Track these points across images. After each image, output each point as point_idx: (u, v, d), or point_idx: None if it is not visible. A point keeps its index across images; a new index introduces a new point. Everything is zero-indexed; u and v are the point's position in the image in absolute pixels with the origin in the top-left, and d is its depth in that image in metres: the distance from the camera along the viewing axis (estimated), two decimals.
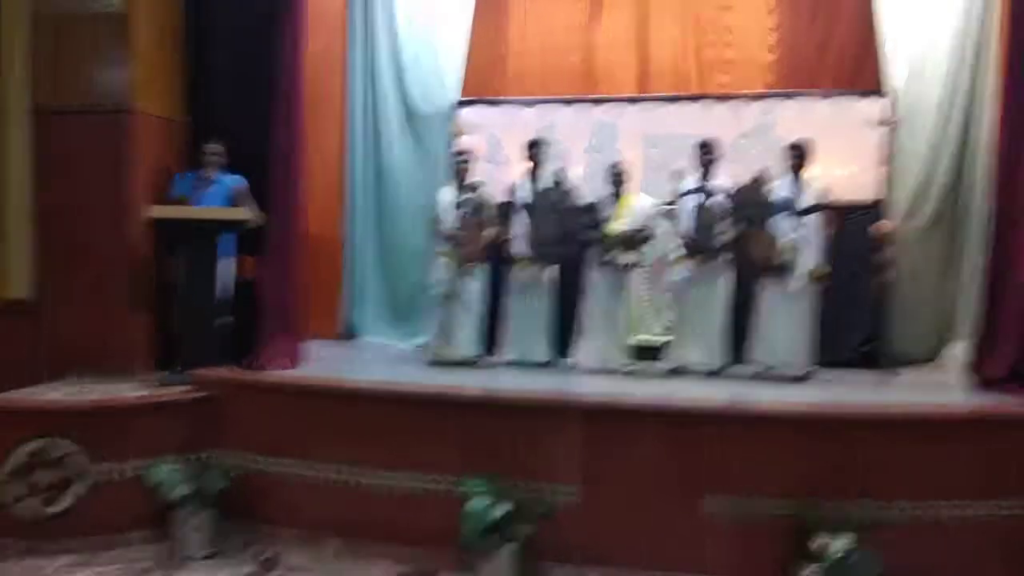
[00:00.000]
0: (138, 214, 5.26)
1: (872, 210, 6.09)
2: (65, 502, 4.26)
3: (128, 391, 4.82)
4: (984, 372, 4.95)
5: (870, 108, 6.21)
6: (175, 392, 4.74)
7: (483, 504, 4.05)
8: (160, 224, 5.29)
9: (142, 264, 5.39)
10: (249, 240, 5.48)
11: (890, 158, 6.09)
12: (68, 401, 4.57)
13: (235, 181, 5.51)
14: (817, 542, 3.82)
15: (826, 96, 6.42)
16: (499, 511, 4.04)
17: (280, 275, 5.39)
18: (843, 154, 6.18)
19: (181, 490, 4.24)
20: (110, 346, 5.23)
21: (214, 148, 5.46)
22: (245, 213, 5.23)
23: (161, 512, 4.34)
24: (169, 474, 4.29)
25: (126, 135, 5.28)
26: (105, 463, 4.33)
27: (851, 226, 5.99)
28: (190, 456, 4.52)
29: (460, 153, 6.04)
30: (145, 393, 4.77)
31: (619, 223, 5.66)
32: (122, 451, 4.39)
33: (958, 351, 6.21)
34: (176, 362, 5.20)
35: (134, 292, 5.31)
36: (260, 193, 5.47)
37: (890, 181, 6.09)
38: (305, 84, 5.64)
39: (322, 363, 5.68)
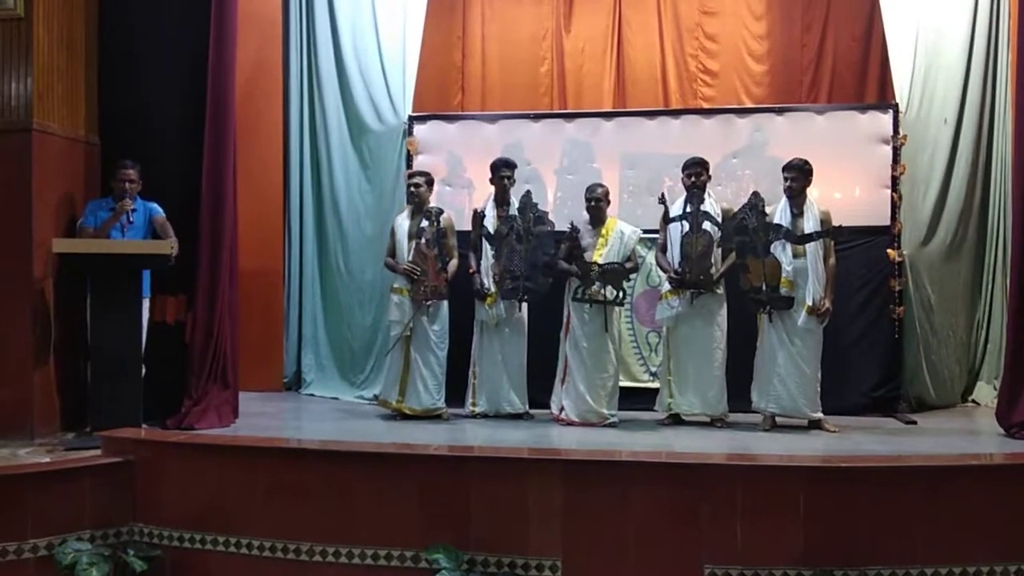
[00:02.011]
0: (41, 248, 5.16)
1: (880, 237, 6.21)
2: None
3: (28, 457, 4.68)
4: (1014, 418, 5.04)
5: (873, 123, 6.35)
6: (85, 457, 4.60)
7: None
8: (67, 259, 5.19)
9: (45, 307, 5.26)
10: (167, 278, 5.42)
11: (897, 178, 6.22)
12: None
13: (153, 210, 5.45)
14: None
15: (823, 111, 6.56)
16: None
17: (211, 318, 5.34)
18: (844, 175, 6.32)
19: (96, 573, 4.08)
20: (5, 404, 5.10)
21: (130, 172, 5.39)
22: (168, 246, 5.15)
23: None
24: (81, 554, 4.14)
25: (27, 157, 5.21)
26: (2, 543, 4.16)
27: (858, 255, 6.09)
28: (106, 532, 4.38)
29: (412, 176, 6.05)
30: (48, 459, 4.63)
31: (600, 253, 5.70)
32: (22, 528, 4.23)
33: (984, 394, 6.35)
34: (85, 422, 5.08)
35: (35, 340, 5.19)
36: (181, 223, 5.43)
37: (899, 204, 6.22)
38: (237, 99, 5.65)
39: (261, 419, 5.64)
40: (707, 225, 5.63)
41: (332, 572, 4.26)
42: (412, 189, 5.94)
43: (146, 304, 5.37)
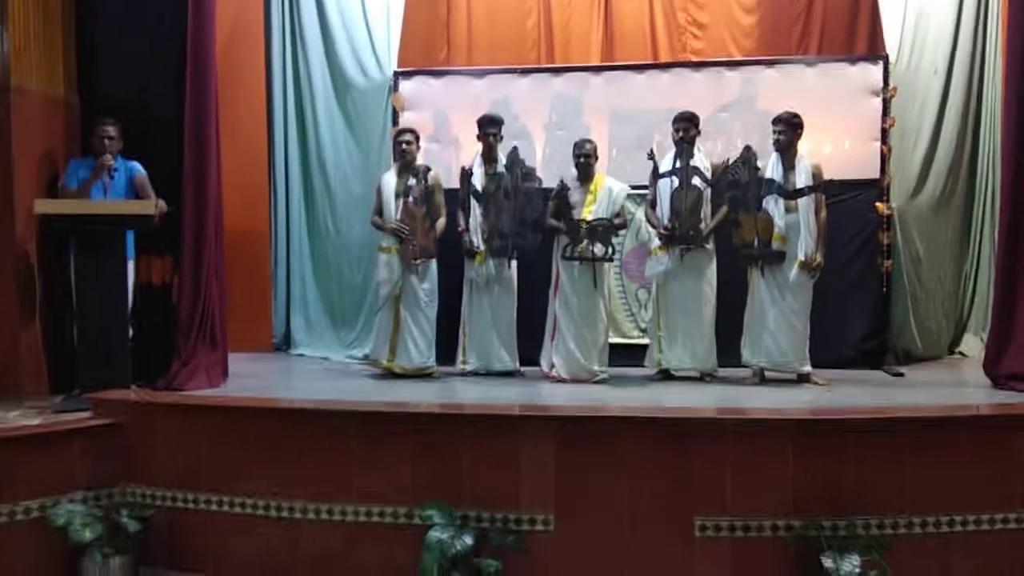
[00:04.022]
0: (23, 209, 5.14)
1: (870, 189, 6.24)
2: None
3: (17, 419, 4.69)
4: (1001, 369, 5.13)
5: (863, 75, 6.35)
6: (75, 420, 4.62)
7: (444, 535, 4.04)
8: (50, 221, 5.16)
9: (29, 268, 5.26)
10: (152, 239, 5.41)
11: (887, 131, 6.24)
12: None
13: (134, 169, 5.42)
14: (823, 564, 3.90)
15: (813, 63, 6.56)
16: (462, 543, 4.04)
17: (197, 279, 5.33)
18: (834, 127, 6.34)
19: (90, 533, 4.13)
20: None
21: (109, 129, 5.35)
22: (152, 206, 5.13)
23: (66, 560, 4.23)
24: (74, 515, 4.19)
25: (5, 117, 5.17)
26: None
27: (847, 209, 6.13)
28: (99, 493, 4.43)
29: (402, 133, 6.03)
30: (38, 422, 4.64)
31: (589, 210, 5.71)
32: (13, 491, 4.26)
33: (971, 346, 6.43)
34: (73, 385, 5.10)
35: (20, 302, 5.19)
36: (165, 183, 5.40)
37: (888, 156, 6.25)
38: (217, 55, 5.59)
39: (250, 380, 5.66)
40: (696, 180, 5.64)
41: (325, 530, 4.32)
42: (404, 147, 5.91)
43: (131, 266, 5.36)
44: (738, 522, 4.09)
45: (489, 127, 5.92)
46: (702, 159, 5.72)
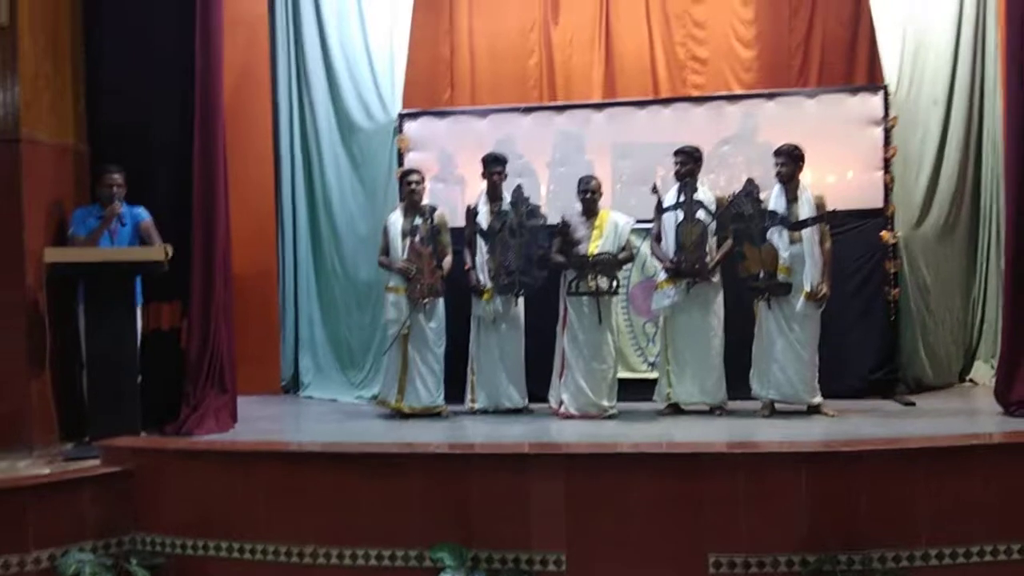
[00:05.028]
0: (33, 258, 5.14)
1: (874, 219, 6.23)
2: None
3: (27, 469, 4.66)
4: (1012, 396, 5.07)
5: (863, 106, 6.37)
6: (84, 468, 4.60)
7: None
8: (59, 269, 5.17)
9: (39, 317, 5.25)
10: (160, 284, 5.39)
11: (889, 160, 6.24)
12: None
13: (139, 215, 5.42)
14: None
15: (813, 95, 6.58)
16: None
17: (206, 323, 5.33)
18: (836, 158, 6.35)
19: None
20: (2, 416, 5.06)
21: (116, 177, 5.36)
22: (161, 252, 5.13)
23: None
24: (84, 564, 4.14)
25: (16, 167, 5.16)
26: (4, 555, 4.16)
27: (851, 238, 6.11)
28: (108, 542, 4.38)
29: (409, 173, 6.05)
30: (48, 470, 4.62)
31: (595, 244, 5.70)
32: (23, 540, 4.22)
33: (981, 373, 6.37)
34: (83, 432, 5.08)
35: (30, 351, 5.17)
36: (173, 228, 5.40)
37: (891, 185, 6.24)
38: (225, 101, 5.63)
39: (260, 423, 5.64)
40: (701, 214, 5.63)
41: (337, 574, 4.26)
42: (412, 187, 5.92)
43: (139, 312, 5.35)
44: (752, 558, 4.02)
45: (493, 166, 5.94)
46: (706, 192, 5.72)
